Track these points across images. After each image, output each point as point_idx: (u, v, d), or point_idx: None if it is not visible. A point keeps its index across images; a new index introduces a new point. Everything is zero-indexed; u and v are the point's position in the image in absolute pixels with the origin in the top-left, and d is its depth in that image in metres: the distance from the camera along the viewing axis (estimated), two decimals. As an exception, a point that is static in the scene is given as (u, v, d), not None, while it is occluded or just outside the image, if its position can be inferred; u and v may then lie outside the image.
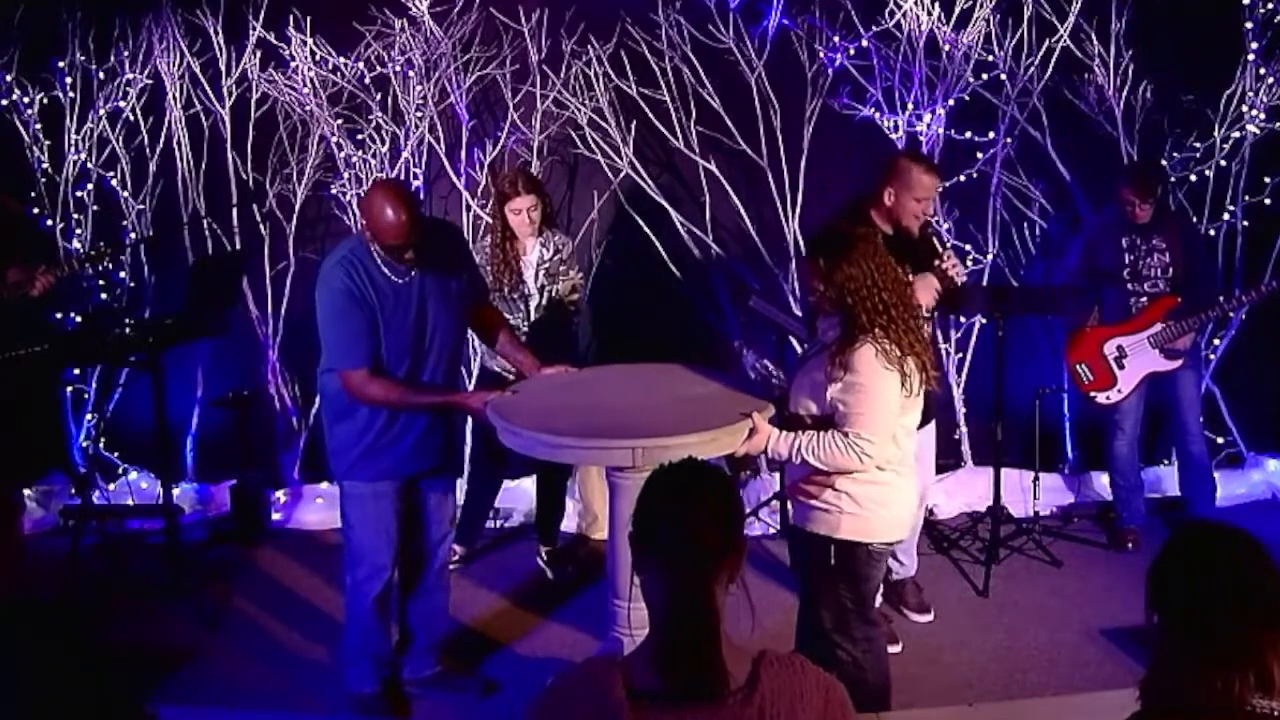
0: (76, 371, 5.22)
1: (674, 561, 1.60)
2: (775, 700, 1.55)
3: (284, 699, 3.56)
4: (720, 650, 1.57)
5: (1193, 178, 5.01)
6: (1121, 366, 4.47)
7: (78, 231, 5.18)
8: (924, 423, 3.50)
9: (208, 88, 5.07)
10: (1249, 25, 4.87)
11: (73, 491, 5.03)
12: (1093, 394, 4.55)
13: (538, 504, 4.60)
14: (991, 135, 4.97)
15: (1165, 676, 1.61)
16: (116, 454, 5.29)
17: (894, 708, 3.37)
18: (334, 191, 5.11)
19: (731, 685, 1.56)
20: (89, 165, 5.16)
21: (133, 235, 5.20)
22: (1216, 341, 5.11)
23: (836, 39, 4.87)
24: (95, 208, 5.20)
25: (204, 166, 5.15)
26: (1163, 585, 1.63)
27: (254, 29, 4.98)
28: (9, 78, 5.05)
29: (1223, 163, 4.98)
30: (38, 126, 5.12)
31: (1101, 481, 5.01)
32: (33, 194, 5.14)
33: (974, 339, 5.13)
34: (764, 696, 1.55)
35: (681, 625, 1.57)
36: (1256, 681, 1.53)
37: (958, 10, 4.86)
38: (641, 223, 5.09)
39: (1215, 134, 4.95)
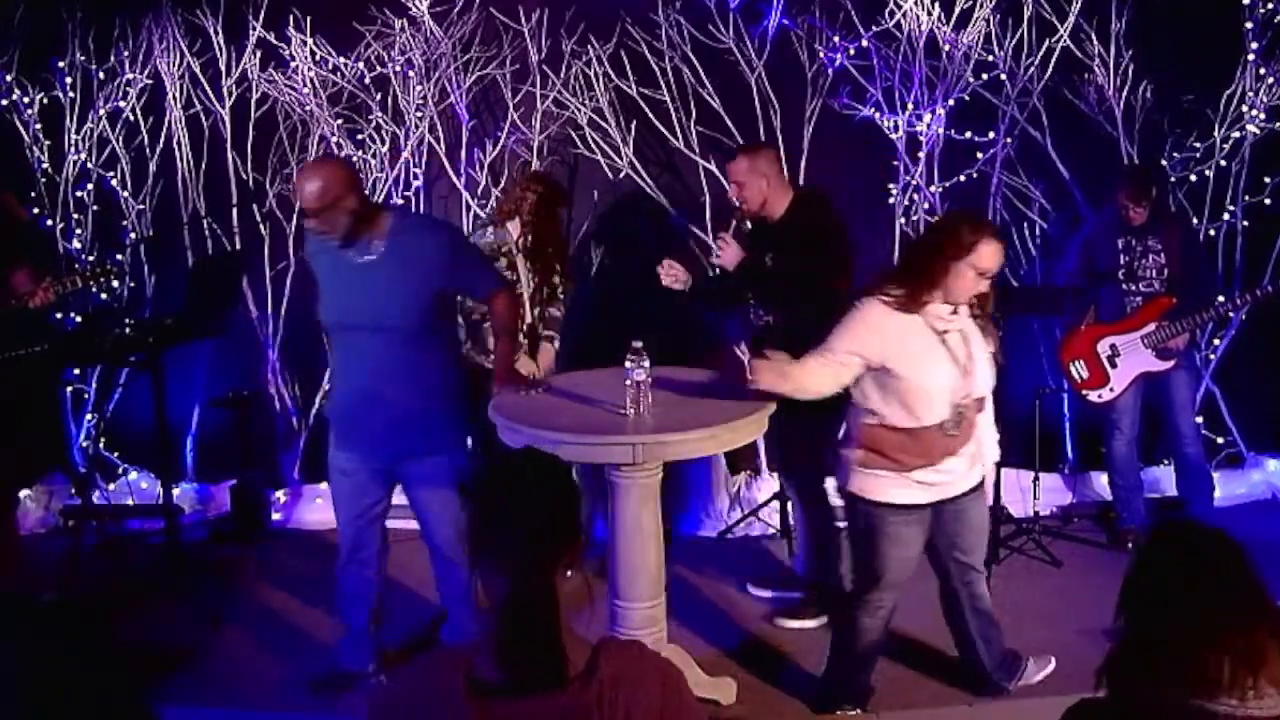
0: (76, 371, 5.22)
1: (511, 555, 1.61)
2: (614, 684, 1.57)
3: (284, 699, 3.55)
4: (559, 640, 1.58)
5: (1193, 178, 5.01)
6: (1114, 365, 4.47)
7: (78, 231, 5.19)
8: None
9: (208, 88, 5.08)
10: (1249, 25, 4.87)
11: (73, 491, 5.04)
12: (1085, 392, 4.55)
13: None
14: (991, 135, 4.97)
15: (1128, 668, 1.63)
16: (116, 454, 5.29)
17: (894, 708, 3.37)
18: (334, 191, 5.10)
19: (571, 673, 1.58)
20: (89, 165, 5.16)
21: (133, 235, 5.20)
22: (1216, 342, 5.11)
23: (836, 39, 4.88)
24: (95, 208, 5.21)
25: (204, 166, 5.15)
26: (1139, 584, 1.66)
27: (254, 29, 4.99)
28: (9, 78, 5.05)
29: (1223, 163, 4.98)
30: (38, 126, 5.12)
31: (1101, 481, 5.01)
32: (33, 194, 5.15)
33: (974, 339, 5.12)
34: (602, 681, 1.57)
35: (520, 617, 1.58)
36: (1225, 681, 1.54)
37: (958, 10, 4.86)
38: (641, 223, 5.09)
39: (1215, 134, 4.95)
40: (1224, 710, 1.53)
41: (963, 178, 5.01)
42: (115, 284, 5.05)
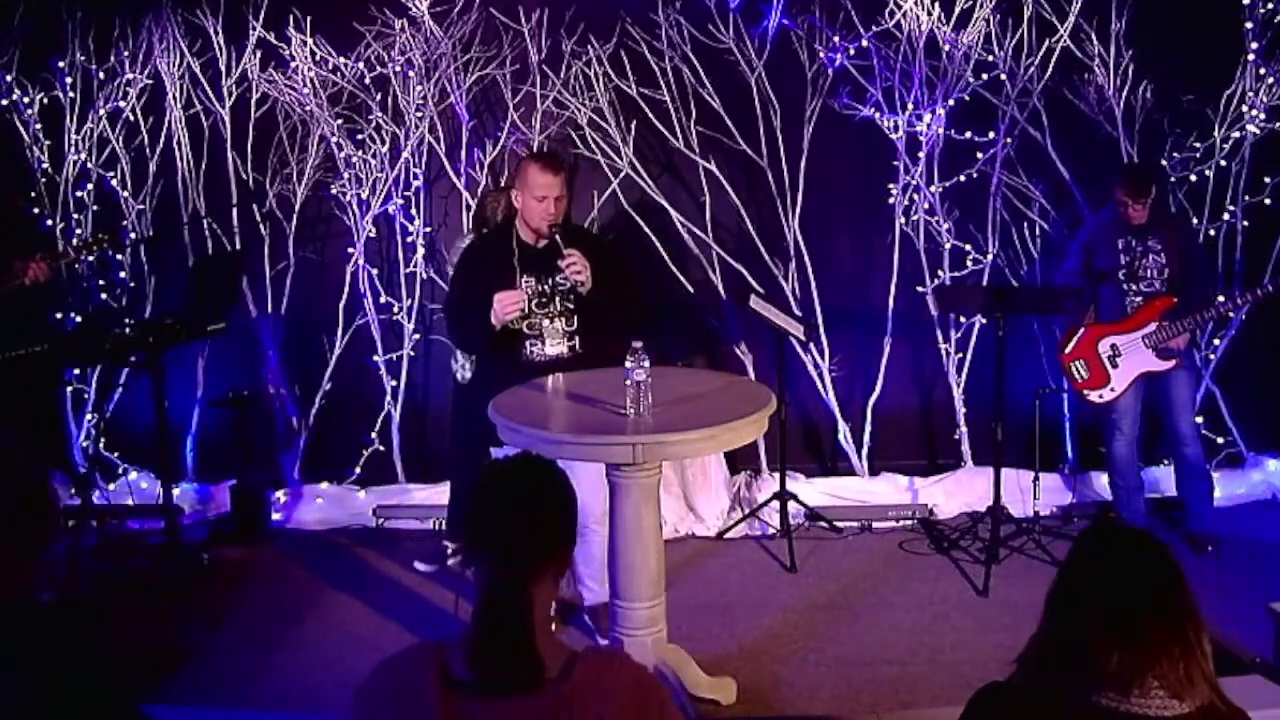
0: (76, 371, 5.22)
1: (488, 556, 1.64)
2: (585, 691, 1.57)
3: (284, 699, 3.55)
4: (533, 644, 1.59)
5: (1193, 178, 5.01)
6: (1115, 365, 4.47)
7: (78, 231, 5.19)
8: None
9: (208, 88, 5.08)
10: (1249, 25, 4.87)
11: (73, 491, 5.02)
12: (1086, 392, 4.55)
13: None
14: (991, 135, 4.97)
15: (1035, 658, 1.65)
16: (116, 454, 5.29)
17: (894, 708, 3.37)
18: (334, 191, 5.12)
19: (545, 677, 1.58)
20: (89, 165, 5.16)
21: (133, 235, 5.20)
22: (1216, 341, 5.11)
23: (836, 39, 4.88)
24: (95, 208, 5.21)
25: (204, 166, 5.15)
26: (1057, 579, 1.67)
27: (254, 29, 4.99)
28: (9, 78, 5.05)
29: (1223, 163, 4.98)
30: (38, 126, 5.13)
31: (1101, 481, 5.01)
32: (33, 194, 5.15)
33: (974, 339, 5.13)
34: (574, 687, 1.57)
35: (492, 618, 1.60)
36: (1110, 673, 1.54)
37: (958, 10, 4.86)
38: (641, 223, 5.09)
39: (1215, 134, 4.95)
40: (1105, 704, 1.54)
41: (963, 178, 5.01)
42: (111, 250, 4.96)
